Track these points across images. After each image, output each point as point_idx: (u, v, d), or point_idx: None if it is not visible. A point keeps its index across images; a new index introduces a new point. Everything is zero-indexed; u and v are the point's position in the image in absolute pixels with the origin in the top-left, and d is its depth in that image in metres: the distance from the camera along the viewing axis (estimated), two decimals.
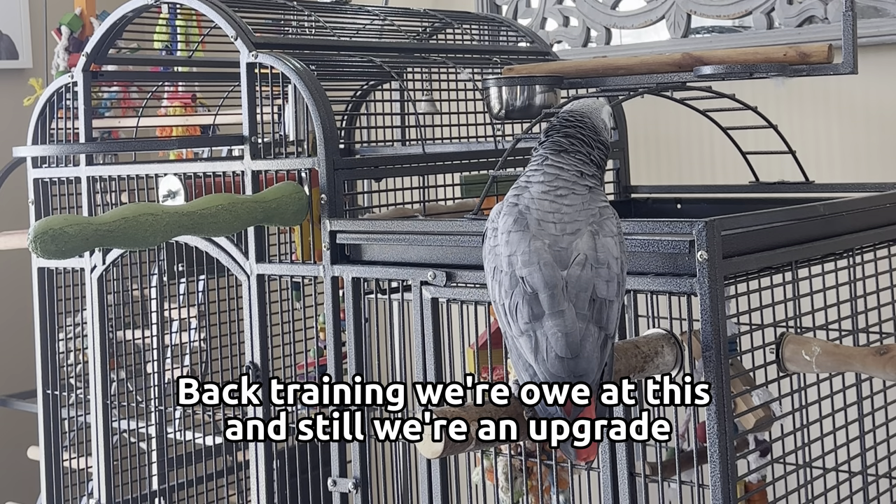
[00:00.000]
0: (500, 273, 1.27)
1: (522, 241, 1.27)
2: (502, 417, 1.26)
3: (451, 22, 2.46)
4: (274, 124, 1.92)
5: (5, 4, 3.43)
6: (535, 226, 1.28)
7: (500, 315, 1.28)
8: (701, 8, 2.63)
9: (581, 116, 1.38)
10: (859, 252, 1.71)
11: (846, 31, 1.78)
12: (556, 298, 1.23)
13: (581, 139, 1.37)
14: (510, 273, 1.26)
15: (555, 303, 1.23)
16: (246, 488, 2.45)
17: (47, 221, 1.64)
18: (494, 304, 1.29)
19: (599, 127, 1.39)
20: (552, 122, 1.40)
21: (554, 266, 1.24)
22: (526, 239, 1.27)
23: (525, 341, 1.23)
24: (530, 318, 1.23)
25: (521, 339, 1.24)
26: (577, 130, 1.37)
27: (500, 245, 1.28)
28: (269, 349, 1.99)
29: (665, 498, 1.53)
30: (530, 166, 1.37)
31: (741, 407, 1.54)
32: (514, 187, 1.35)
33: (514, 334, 1.25)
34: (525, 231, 1.27)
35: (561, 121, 1.39)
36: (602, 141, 1.39)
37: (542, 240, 1.26)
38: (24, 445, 3.10)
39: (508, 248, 1.27)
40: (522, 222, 1.28)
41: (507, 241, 1.28)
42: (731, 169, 2.41)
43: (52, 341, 2.38)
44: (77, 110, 2.26)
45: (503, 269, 1.27)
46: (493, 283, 1.29)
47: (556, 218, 1.29)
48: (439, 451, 1.21)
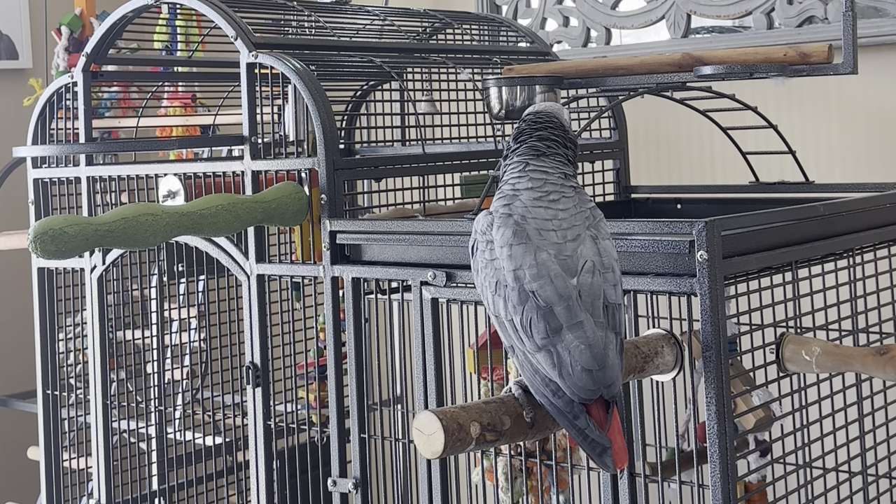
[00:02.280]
0: (506, 288, 1.23)
1: (527, 254, 1.24)
2: (502, 417, 1.26)
3: (451, 22, 2.46)
4: (274, 124, 1.92)
5: (5, 4, 3.43)
6: (537, 236, 1.25)
7: (506, 330, 1.24)
8: (701, 8, 2.63)
9: (549, 117, 1.35)
10: (859, 252, 1.71)
11: (846, 31, 1.78)
12: (573, 310, 1.20)
13: (555, 140, 1.34)
14: (518, 288, 1.23)
15: (572, 315, 1.20)
16: (246, 488, 2.45)
17: (47, 221, 1.64)
18: (497, 318, 1.25)
19: (567, 125, 1.37)
20: (520, 126, 1.36)
21: (564, 277, 1.22)
22: (531, 251, 1.24)
23: (544, 357, 1.20)
24: (548, 333, 1.20)
25: (538, 354, 1.20)
26: (549, 132, 1.34)
27: (501, 259, 1.25)
28: (269, 349, 1.99)
29: (665, 498, 1.53)
30: (511, 173, 1.33)
31: (741, 407, 1.54)
32: (499, 196, 1.31)
33: (530, 350, 1.21)
34: (528, 243, 1.24)
35: (530, 123, 1.35)
36: (572, 140, 1.36)
37: (546, 250, 1.24)
38: (24, 445, 3.10)
39: (512, 263, 1.24)
40: (522, 234, 1.25)
41: (510, 254, 1.24)
42: (731, 169, 2.41)
43: (52, 341, 2.38)
44: (77, 110, 2.26)
45: (508, 284, 1.23)
46: (494, 297, 1.25)
47: (555, 225, 1.27)
48: (439, 451, 1.21)
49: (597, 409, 1.22)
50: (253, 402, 1.98)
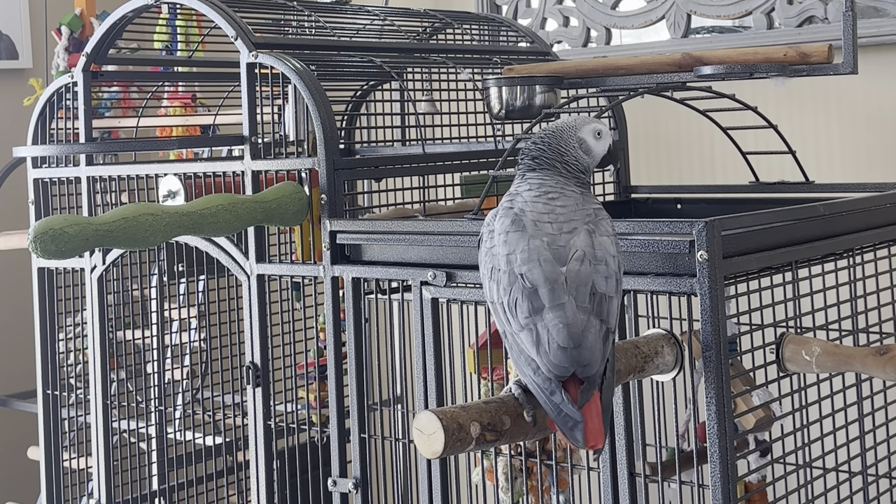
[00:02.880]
0: (498, 272, 1.29)
1: (521, 241, 1.29)
2: (502, 417, 1.26)
3: (451, 22, 2.46)
4: (274, 124, 1.92)
5: (5, 4, 3.43)
6: (532, 226, 1.30)
7: (499, 314, 1.28)
8: (701, 8, 2.63)
9: (544, 138, 1.40)
10: (859, 252, 1.71)
11: (846, 31, 1.78)
12: (557, 292, 1.24)
13: (547, 159, 1.38)
14: (508, 271, 1.27)
15: (555, 296, 1.24)
16: (246, 488, 2.45)
17: (47, 221, 1.64)
18: (492, 304, 1.30)
19: (570, 143, 1.39)
20: (521, 150, 1.42)
21: (553, 262, 1.26)
22: (524, 238, 1.29)
23: (526, 335, 1.25)
24: (530, 313, 1.25)
25: (521, 333, 1.25)
26: (541, 151, 1.39)
27: (498, 245, 1.30)
28: (269, 349, 1.99)
29: (665, 498, 1.53)
30: (514, 184, 1.40)
31: (741, 407, 1.54)
32: (506, 196, 1.38)
33: (514, 330, 1.26)
34: (523, 231, 1.29)
35: (528, 146, 1.41)
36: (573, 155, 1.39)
37: (540, 238, 1.28)
38: (24, 445, 3.10)
39: (507, 248, 1.29)
40: (519, 223, 1.31)
41: (506, 240, 1.30)
42: (731, 169, 2.41)
43: (52, 341, 2.38)
44: (77, 110, 2.26)
45: (501, 268, 1.28)
46: (490, 283, 1.30)
47: (551, 218, 1.31)
48: (439, 451, 1.21)
49: (574, 388, 1.24)
50: (253, 402, 1.99)
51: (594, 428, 1.24)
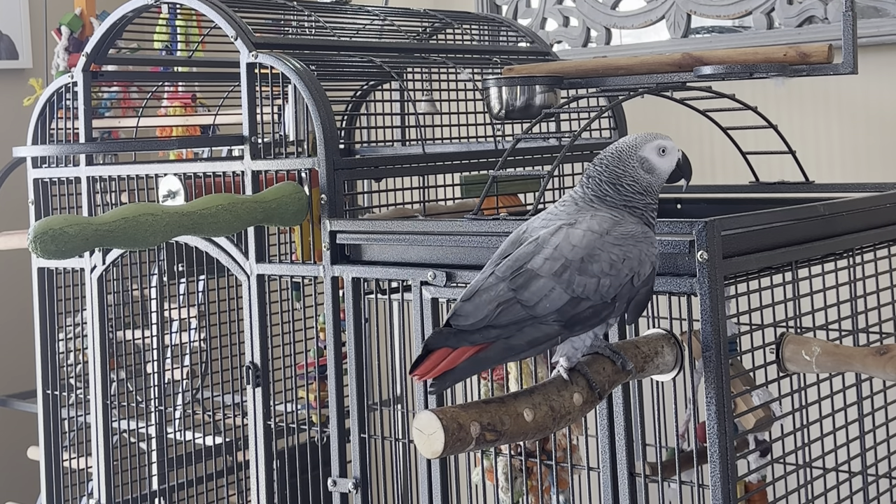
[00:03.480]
0: None
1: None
2: (502, 417, 1.26)
3: (451, 22, 2.46)
4: (274, 124, 1.93)
5: (5, 4, 3.43)
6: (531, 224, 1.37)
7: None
8: (701, 8, 2.63)
9: (603, 160, 1.40)
10: (859, 252, 1.71)
11: (846, 31, 1.78)
12: (492, 262, 1.34)
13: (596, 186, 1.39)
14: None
15: (489, 264, 1.34)
16: (246, 488, 2.45)
17: (47, 221, 1.64)
18: None
19: (630, 164, 1.40)
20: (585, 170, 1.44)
21: (511, 243, 1.35)
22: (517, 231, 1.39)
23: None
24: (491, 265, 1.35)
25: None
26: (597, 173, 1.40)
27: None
28: (269, 349, 1.99)
29: (665, 498, 1.53)
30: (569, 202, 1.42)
31: (741, 407, 1.54)
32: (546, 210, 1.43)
33: None
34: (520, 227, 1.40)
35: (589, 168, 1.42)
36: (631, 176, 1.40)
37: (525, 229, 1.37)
38: (24, 445, 3.10)
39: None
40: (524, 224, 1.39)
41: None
42: (731, 169, 2.41)
43: (52, 341, 2.38)
44: (77, 110, 2.26)
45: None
46: None
47: (547, 217, 1.36)
48: (439, 450, 1.21)
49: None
50: (253, 402, 1.99)
51: (434, 366, 1.26)
